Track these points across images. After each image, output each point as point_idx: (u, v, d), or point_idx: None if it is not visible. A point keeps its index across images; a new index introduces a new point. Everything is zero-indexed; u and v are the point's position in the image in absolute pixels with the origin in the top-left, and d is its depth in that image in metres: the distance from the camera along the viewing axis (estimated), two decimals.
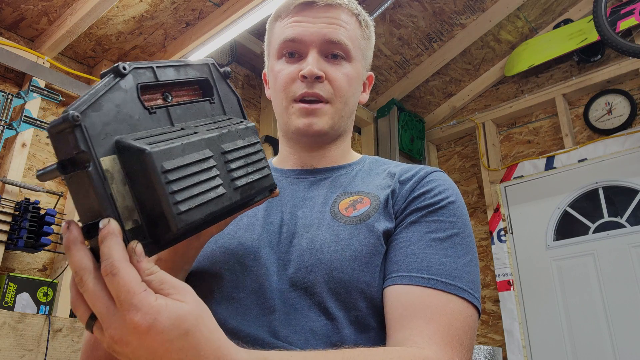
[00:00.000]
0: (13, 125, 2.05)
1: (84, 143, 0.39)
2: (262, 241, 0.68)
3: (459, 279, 0.62)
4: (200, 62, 0.54)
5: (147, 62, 0.47)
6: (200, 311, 0.41)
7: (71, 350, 1.90)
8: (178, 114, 0.49)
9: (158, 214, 0.41)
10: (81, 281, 0.39)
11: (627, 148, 2.75)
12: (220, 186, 0.46)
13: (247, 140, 0.52)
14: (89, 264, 0.39)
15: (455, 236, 0.66)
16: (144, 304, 0.37)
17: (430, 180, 0.72)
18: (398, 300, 0.61)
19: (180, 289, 0.41)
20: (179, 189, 0.42)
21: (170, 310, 0.38)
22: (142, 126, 0.45)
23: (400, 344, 0.57)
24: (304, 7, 0.76)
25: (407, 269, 0.63)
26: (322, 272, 0.63)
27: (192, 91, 0.53)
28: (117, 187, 0.40)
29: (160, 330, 0.38)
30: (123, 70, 0.44)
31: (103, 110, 0.41)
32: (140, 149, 0.40)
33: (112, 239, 0.38)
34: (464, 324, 0.59)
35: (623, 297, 2.58)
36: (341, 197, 0.73)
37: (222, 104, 0.55)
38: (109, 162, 0.40)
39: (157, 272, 0.40)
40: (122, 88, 0.44)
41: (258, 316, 0.63)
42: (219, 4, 2.30)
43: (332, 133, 0.78)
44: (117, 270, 0.37)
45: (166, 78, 0.49)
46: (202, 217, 0.44)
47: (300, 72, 0.74)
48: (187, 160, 0.43)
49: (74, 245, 0.39)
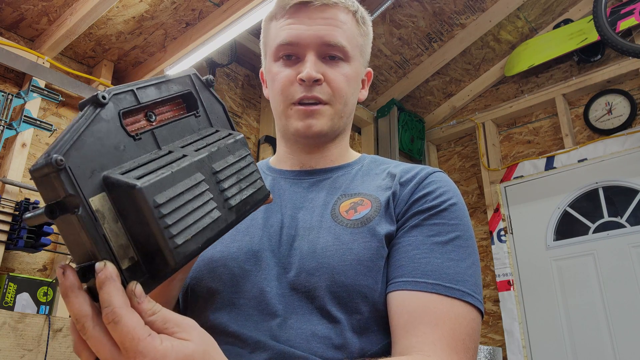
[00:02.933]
0: (13, 125, 2.05)
1: (71, 186, 0.37)
2: (262, 245, 0.68)
3: (463, 282, 0.62)
4: (181, 74, 0.52)
5: (126, 86, 0.45)
6: (205, 346, 0.40)
7: (71, 350, 1.90)
8: (164, 135, 0.47)
9: (154, 249, 0.40)
10: (83, 328, 0.38)
11: (627, 148, 2.75)
12: (214, 209, 0.45)
13: (238, 154, 0.51)
14: (88, 311, 0.38)
15: (458, 239, 0.66)
16: (149, 349, 0.37)
17: (431, 181, 0.71)
18: (403, 306, 0.61)
19: (185, 326, 0.40)
20: (173, 222, 0.40)
21: (176, 352, 0.38)
22: (128, 155, 0.43)
23: (406, 351, 0.57)
24: (300, 7, 0.75)
25: (411, 274, 0.62)
26: (324, 276, 0.63)
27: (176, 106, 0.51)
28: (109, 226, 0.39)
29: None
30: (102, 99, 0.42)
31: (86, 147, 0.40)
32: (129, 184, 0.39)
33: (110, 285, 0.37)
34: (468, 328, 0.60)
35: (623, 297, 2.58)
36: (341, 199, 0.72)
37: (208, 116, 0.54)
38: (99, 201, 0.39)
39: (160, 311, 0.40)
40: (104, 119, 0.42)
41: (259, 322, 0.62)
42: (219, 4, 2.30)
43: (332, 133, 0.77)
44: (120, 318, 0.37)
45: (148, 99, 0.47)
46: (198, 246, 0.43)
47: (299, 75, 0.73)
48: (179, 190, 0.42)
49: (72, 292, 0.38)
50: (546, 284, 2.85)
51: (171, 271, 0.42)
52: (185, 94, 0.52)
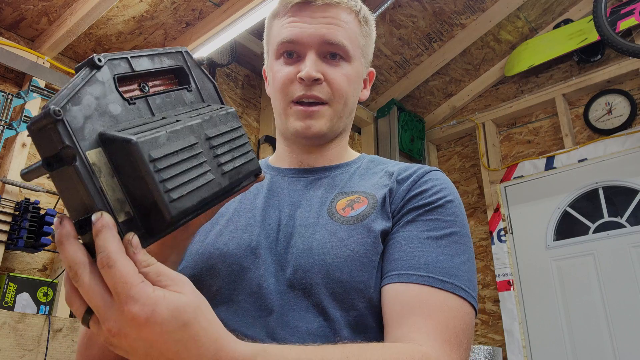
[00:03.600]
0: (13, 125, 2.05)
1: (68, 138, 0.38)
2: (260, 242, 0.68)
3: (456, 277, 0.62)
4: (173, 49, 0.53)
5: (120, 53, 0.46)
6: (198, 302, 0.40)
7: (71, 350, 1.90)
8: (157, 104, 0.49)
9: (150, 204, 0.41)
10: (76, 275, 0.38)
11: (627, 148, 2.75)
12: (208, 172, 0.46)
13: (230, 125, 0.52)
14: (83, 258, 0.38)
15: (453, 235, 0.66)
16: (141, 295, 0.37)
17: (428, 179, 0.72)
18: (396, 298, 0.61)
19: (178, 281, 0.40)
20: (168, 177, 0.41)
21: (168, 301, 0.38)
22: (123, 118, 0.44)
23: (399, 340, 0.57)
24: (302, 6, 0.75)
25: (404, 267, 0.63)
26: (320, 273, 0.63)
27: (168, 80, 0.52)
28: (105, 180, 0.40)
29: (159, 322, 0.37)
30: (98, 62, 0.43)
31: (83, 104, 0.40)
32: (125, 139, 0.40)
33: (107, 232, 0.38)
34: (462, 322, 0.60)
35: (623, 297, 2.58)
36: (338, 197, 0.72)
37: (200, 91, 0.55)
38: (95, 155, 0.40)
39: (154, 264, 0.40)
40: (100, 80, 0.43)
41: (256, 318, 0.62)
42: (219, 4, 2.30)
43: (331, 134, 0.77)
44: (114, 262, 0.37)
45: (141, 68, 0.48)
46: (194, 203, 0.43)
47: (298, 74, 0.73)
48: (174, 148, 0.43)
49: (67, 240, 0.39)
50: (546, 284, 2.85)
51: (167, 227, 0.42)
52: (177, 69, 0.53)
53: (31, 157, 2.17)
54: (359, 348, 0.52)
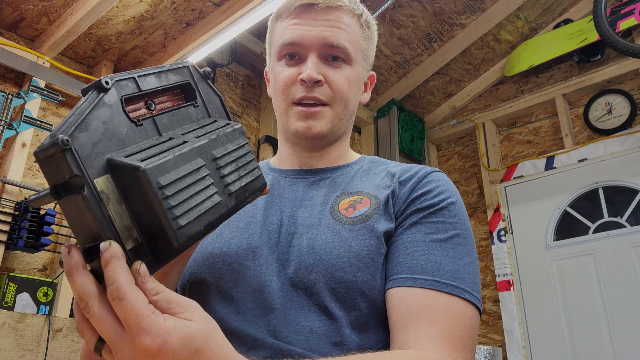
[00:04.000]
0: (13, 125, 2.05)
1: (77, 167, 0.38)
2: (261, 241, 0.68)
3: (461, 280, 0.62)
4: (180, 65, 0.53)
5: (127, 73, 0.46)
6: (208, 328, 0.41)
7: (71, 350, 1.90)
8: (164, 123, 0.48)
9: (158, 230, 0.41)
10: (87, 307, 0.38)
11: (627, 148, 2.75)
12: (215, 194, 0.46)
13: (236, 143, 0.52)
14: (93, 289, 0.39)
15: (456, 237, 0.66)
16: (153, 326, 0.37)
17: (430, 180, 0.72)
18: (401, 302, 0.61)
19: (187, 307, 0.41)
20: (176, 204, 0.41)
21: (179, 330, 0.38)
22: (130, 140, 0.44)
23: (405, 346, 0.58)
24: (305, 8, 0.76)
25: (409, 270, 0.63)
26: (323, 273, 0.63)
27: (175, 96, 0.52)
28: (113, 207, 0.40)
29: (171, 351, 0.38)
30: (105, 84, 0.43)
31: (91, 130, 0.40)
32: (134, 166, 0.40)
33: (116, 262, 0.38)
34: (467, 325, 0.60)
35: (623, 297, 2.58)
36: (341, 197, 0.73)
37: (206, 106, 0.55)
38: (103, 182, 0.40)
39: (163, 291, 0.40)
40: (107, 103, 0.43)
41: (257, 315, 0.62)
42: (219, 4, 2.30)
43: (332, 135, 0.78)
44: (124, 295, 0.37)
45: (148, 87, 0.48)
46: (201, 228, 0.44)
47: (300, 75, 0.74)
48: (182, 173, 0.43)
49: (76, 270, 0.39)
50: (546, 284, 2.85)
51: (174, 252, 0.43)
52: (184, 84, 0.53)
53: (31, 157, 2.17)
54: (367, 358, 0.53)
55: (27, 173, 2.13)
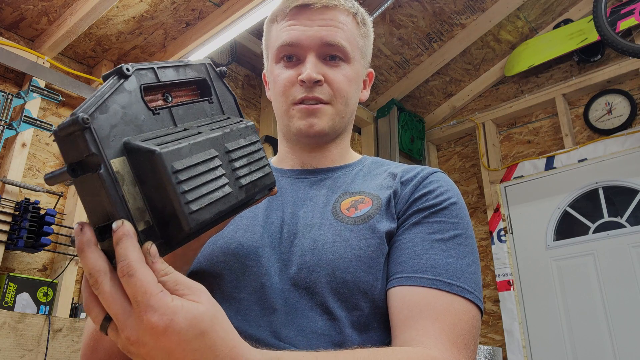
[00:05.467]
0: (13, 125, 2.05)
1: (95, 145, 0.39)
2: (262, 241, 0.68)
3: (462, 279, 0.62)
4: (198, 62, 0.55)
5: (148, 63, 0.48)
6: (215, 311, 0.41)
7: (71, 350, 1.90)
8: (180, 115, 0.50)
9: (169, 214, 0.42)
10: (96, 283, 0.39)
11: (627, 148, 2.75)
12: (226, 185, 0.47)
13: (249, 139, 0.53)
14: (104, 266, 0.39)
15: (458, 237, 0.66)
16: (161, 304, 0.37)
17: (432, 181, 0.72)
18: (403, 301, 0.61)
19: (195, 290, 0.41)
20: (189, 189, 0.42)
21: (186, 310, 0.38)
22: (147, 127, 0.45)
23: (407, 344, 0.58)
24: (300, 9, 0.76)
25: (411, 270, 0.63)
26: (325, 272, 0.63)
27: (191, 91, 0.53)
28: (127, 189, 0.41)
29: (177, 331, 0.38)
30: (127, 71, 0.44)
31: (110, 112, 0.41)
32: (150, 150, 0.41)
33: (128, 240, 0.38)
34: (468, 324, 0.60)
35: (623, 297, 2.58)
36: (342, 197, 0.73)
37: (220, 104, 0.56)
38: (119, 163, 0.40)
39: (172, 272, 0.40)
40: (127, 89, 0.44)
41: (259, 316, 0.62)
42: (219, 4, 2.30)
43: (333, 133, 0.78)
44: (134, 271, 0.38)
45: (167, 79, 0.49)
46: (212, 216, 0.44)
47: (299, 76, 0.74)
48: (195, 160, 0.44)
49: (88, 247, 0.39)
50: (546, 284, 2.85)
51: (184, 238, 0.43)
52: (200, 81, 0.54)
53: (31, 157, 2.17)
54: (370, 353, 0.52)
55: (27, 173, 2.13)
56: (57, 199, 2.18)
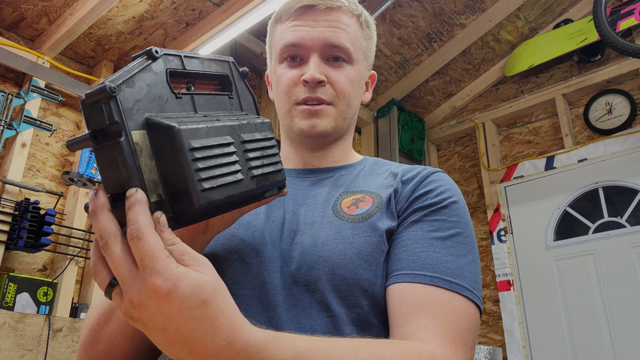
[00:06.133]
0: (13, 125, 2.05)
1: (118, 114, 0.40)
2: (263, 238, 0.69)
3: (462, 277, 0.62)
4: (222, 58, 0.57)
5: (176, 51, 0.50)
6: (218, 284, 0.42)
7: (71, 350, 1.90)
8: (201, 103, 0.52)
9: (181, 190, 0.43)
10: (106, 245, 0.40)
11: (627, 148, 2.75)
12: (239, 172, 0.48)
13: (264, 134, 0.54)
14: (114, 229, 0.40)
15: (458, 235, 0.66)
16: (165, 269, 0.38)
17: (433, 180, 0.72)
18: (401, 297, 0.61)
19: (200, 261, 0.42)
20: (203, 167, 0.43)
21: (190, 278, 0.39)
22: (169, 108, 0.47)
23: (405, 339, 0.58)
24: (305, 10, 0.76)
25: (410, 267, 0.63)
26: (325, 270, 0.63)
27: (213, 85, 0.55)
28: (144, 161, 0.42)
29: (179, 297, 0.38)
30: (155, 53, 0.47)
31: (136, 88, 0.43)
32: (169, 125, 0.42)
33: (139, 206, 0.39)
34: (467, 322, 0.60)
35: (623, 297, 2.58)
36: (343, 195, 0.73)
37: (240, 101, 0.58)
38: (139, 136, 0.42)
39: (179, 243, 0.41)
40: (154, 70, 0.46)
41: (259, 312, 0.63)
42: (219, 4, 2.30)
43: (335, 134, 0.78)
44: (143, 235, 0.38)
45: (192, 68, 0.51)
46: (222, 197, 0.45)
47: (302, 77, 0.74)
48: (211, 142, 0.45)
49: (101, 210, 0.40)
50: (546, 284, 2.85)
51: (193, 215, 0.44)
52: (223, 76, 0.56)
53: (31, 157, 2.17)
54: (368, 342, 0.53)
55: (27, 173, 2.13)
56: (57, 199, 2.18)
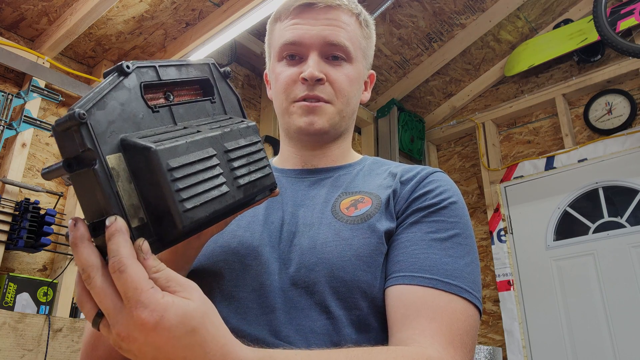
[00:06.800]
0: (13, 125, 2.05)
1: (90, 141, 0.39)
2: (262, 240, 0.68)
3: (460, 279, 0.62)
4: (201, 61, 0.55)
5: (149, 61, 0.48)
6: (206, 309, 0.41)
7: (71, 350, 1.90)
8: (180, 113, 0.50)
9: (163, 212, 0.42)
10: (88, 278, 0.39)
11: (627, 148, 2.75)
12: (223, 184, 0.47)
13: (249, 139, 0.52)
14: (96, 261, 0.39)
15: (457, 236, 0.66)
16: (151, 301, 0.38)
17: (432, 180, 0.72)
18: (400, 299, 0.61)
19: (187, 287, 0.41)
20: (184, 187, 0.42)
21: (177, 307, 0.38)
22: (145, 125, 0.45)
23: (403, 343, 0.57)
24: (304, 8, 0.76)
25: (409, 269, 0.63)
26: (324, 271, 0.63)
27: (193, 91, 0.53)
28: (122, 185, 0.41)
29: (167, 327, 0.38)
30: (127, 69, 0.45)
31: (108, 109, 0.42)
32: (145, 147, 0.41)
33: (120, 236, 0.38)
34: (466, 324, 0.60)
35: (623, 297, 2.58)
36: (342, 196, 0.73)
37: (223, 104, 0.56)
38: (115, 160, 0.41)
39: (164, 269, 0.40)
40: (126, 87, 0.44)
41: (258, 315, 0.62)
42: (219, 4, 2.30)
43: (333, 132, 0.78)
44: (125, 267, 0.38)
45: (168, 77, 0.49)
46: (206, 215, 0.44)
47: (301, 74, 0.74)
48: (192, 159, 0.43)
49: (81, 242, 0.39)
50: (546, 284, 2.85)
51: (178, 236, 0.43)
52: (203, 80, 0.54)
53: (31, 157, 2.17)
54: (364, 352, 0.52)
55: (27, 173, 2.13)
56: (57, 199, 2.18)
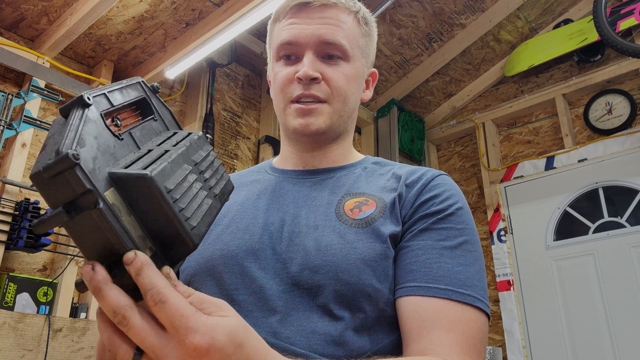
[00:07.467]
0: (13, 125, 2.05)
1: (88, 181, 0.37)
2: (262, 242, 0.68)
3: (472, 287, 0.63)
4: (132, 81, 0.53)
5: (98, 90, 0.45)
6: (244, 323, 0.41)
7: (71, 350, 1.90)
8: (138, 137, 0.48)
9: (172, 235, 0.41)
10: (124, 319, 0.37)
11: (627, 148, 2.75)
12: (206, 197, 0.47)
13: (206, 149, 0.52)
14: (127, 301, 0.38)
15: (465, 243, 0.67)
16: (199, 325, 0.37)
17: (437, 184, 0.72)
18: (415, 311, 0.62)
19: (221, 305, 0.41)
20: (184, 206, 0.41)
21: (222, 327, 0.39)
22: (119, 154, 0.43)
23: (421, 353, 0.58)
24: (300, 8, 0.76)
25: (423, 279, 0.63)
26: (329, 274, 0.63)
27: (132, 112, 0.51)
28: (126, 219, 0.39)
29: (219, 348, 0.38)
30: (88, 100, 0.42)
31: (87, 145, 0.39)
32: (140, 175, 0.39)
33: (149, 269, 0.38)
34: (479, 332, 0.61)
35: (623, 297, 2.58)
36: (346, 197, 0.72)
37: (163, 119, 0.55)
38: (111, 195, 0.39)
39: (194, 292, 0.41)
40: (92, 119, 0.42)
41: (259, 318, 0.62)
42: (219, 4, 2.30)
43: (331, 132, 0.77)
44: (166, 298, 0.37)
45: (117, 102, 0.47)
46: (206, 228, 0.44)
47: (296, 74, 0.74)
48: (179, 178, 0.43)
49: (105, 285, 0.38)
50: (546, 284, 2.85)
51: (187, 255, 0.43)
52: (141, 100, 0.52)
53: (31, 157, 2.17)
54: None
55: (27, 173, 2.13)
56: None
